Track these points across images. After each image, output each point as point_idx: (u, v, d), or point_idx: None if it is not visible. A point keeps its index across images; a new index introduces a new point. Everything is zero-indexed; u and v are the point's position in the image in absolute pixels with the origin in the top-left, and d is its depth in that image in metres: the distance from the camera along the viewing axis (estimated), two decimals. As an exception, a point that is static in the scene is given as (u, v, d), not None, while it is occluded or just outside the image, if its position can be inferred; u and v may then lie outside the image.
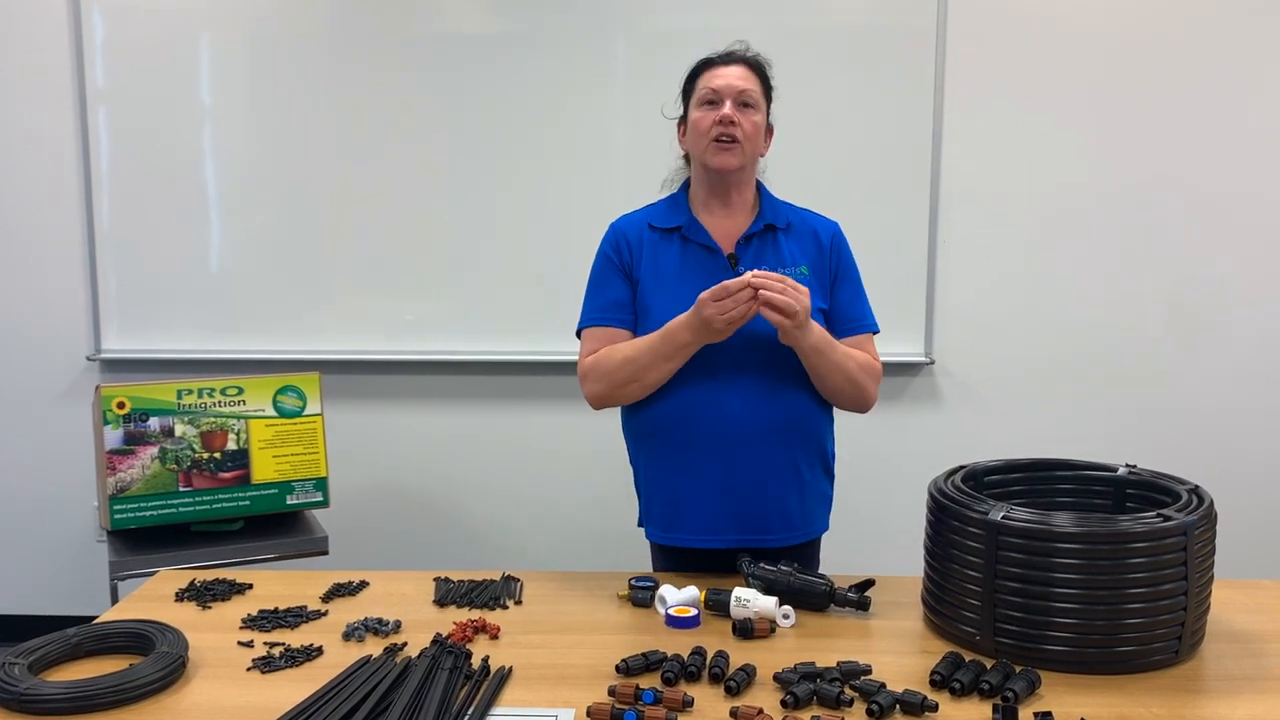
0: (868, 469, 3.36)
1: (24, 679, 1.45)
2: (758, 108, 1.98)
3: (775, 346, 1.93)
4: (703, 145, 1.97)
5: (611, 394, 1.99)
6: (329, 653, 1.63)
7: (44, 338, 3.53)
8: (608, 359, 1.96)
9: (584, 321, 2.06)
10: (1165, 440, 3.45)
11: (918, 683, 1.50)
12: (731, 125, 1.94)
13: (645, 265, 2.01)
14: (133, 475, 2.63)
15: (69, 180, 3.46)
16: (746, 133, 1.96)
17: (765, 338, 1.92)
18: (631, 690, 1.44)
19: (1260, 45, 3.30)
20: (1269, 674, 1.55)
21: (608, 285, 2.04)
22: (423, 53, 3.38)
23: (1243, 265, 3.40)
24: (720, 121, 1.94)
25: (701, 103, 1.98)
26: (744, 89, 1.96)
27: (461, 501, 3.58)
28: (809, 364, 1.93)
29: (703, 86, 1.99)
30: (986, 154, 3.38)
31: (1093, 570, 1.52)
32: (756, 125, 1.98)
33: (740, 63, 2.00)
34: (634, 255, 2.03)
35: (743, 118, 1.95)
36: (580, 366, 2.02)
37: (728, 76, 1.97)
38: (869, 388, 2.00)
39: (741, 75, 1.98)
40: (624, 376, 1.94)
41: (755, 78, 2.00)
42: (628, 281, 2.03)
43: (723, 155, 1.96)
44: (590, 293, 2.07)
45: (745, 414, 1.95)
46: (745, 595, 1.73)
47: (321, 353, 3.45)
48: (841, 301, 2.04)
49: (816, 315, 1.96)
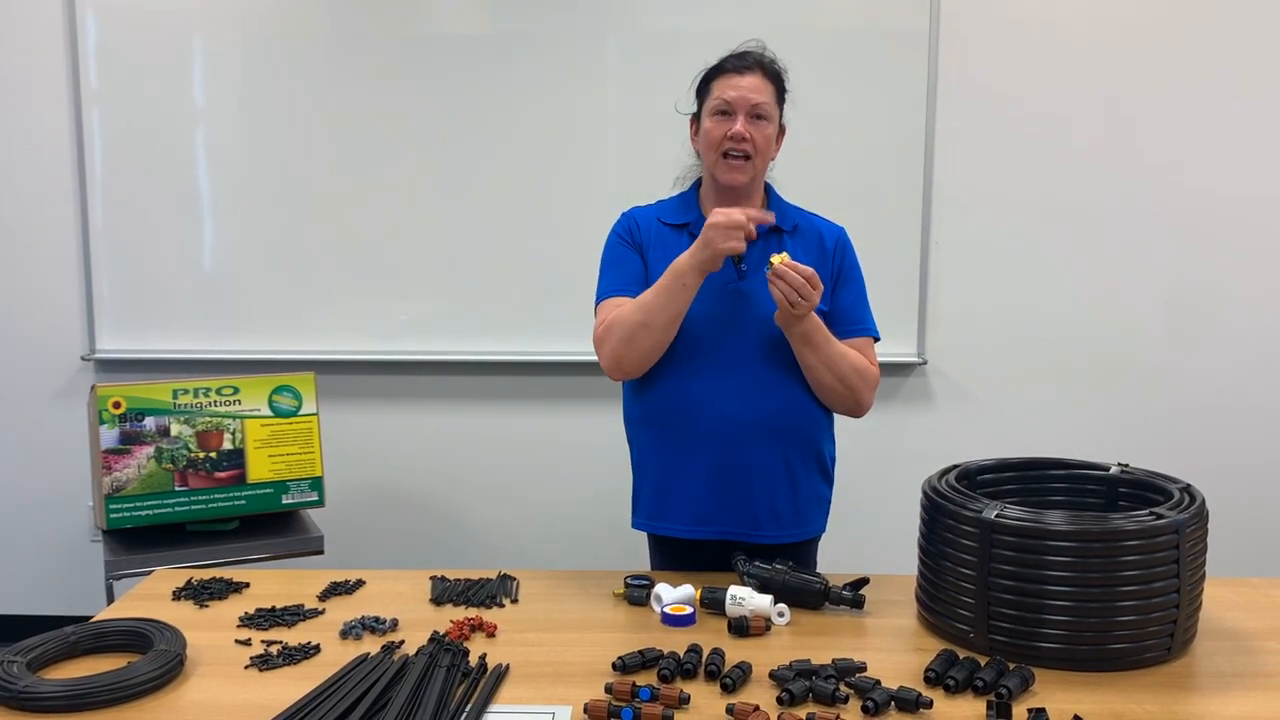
0: (862, 469, 3.37)
1: (22, 677, 1.45)
2: (770, 118, 1.97)
3: (778, 346, 1.95)
4: (713, 157, 1.98)
5: (625, 351, 1.94)
6: (326, 651, 1.63)
7: (39, 338, 3.53)
8: (619, 314, 1.95)
9: (603, 293, 2.04)
10: (1159, 440, 3.47)
11: (912, 680, 1.51)
12: (743, 142, 1.94)
13: (653, 257, 2.03)
14: (128, 475, 2.64)
15: (64, 181, 3.46)
16: (758, 147, 1.95)
17: (768, 337, 1.95)
18: (628, 687, 1.45)
19: (1253, 45, 3.32)
20: (1260, 671, 1.56)
21: (625, 262, 2.04)
22: (418, 54, 3.38)
23: (1235, 266, 3.42)
24: (731, 137, 1.94)
25: (714, 112, 1.97)
26: (757, 102, 1.94)
27: (457, 501, 3.59)
28: (799, 354, 1.94)
29: (716, 95, 1.97)
30: (979, 156, 3.40)
31: (1085, 568, 1.53)
32: (768, 137, 1.97)
33: (756, 70, 1.97)
34: (644, 243, 2.05)
35: (755, 131, 1.94)
36: (595, 335, 2.01)
37: (742, 88, 1.95)
38: (862, 392, 2.00)
39: (756, 86, 1.95)
40: (634, 324, 1.92)
41: (769, 85, 1.98)
42: (640, 257, 2.05)
43: (732, 173, 1.96)
44: (606, 270, 2.07)
45: (740, 409, 1.96)
46: (741, 593, 1.74)
47: (317, 353, 3.46)
48: (842, 304, 2.05)
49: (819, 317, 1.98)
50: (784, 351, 1.96)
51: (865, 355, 2.04)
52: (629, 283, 2.01)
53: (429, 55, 3.38)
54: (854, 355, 1.99)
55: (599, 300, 2.05)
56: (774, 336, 1.95)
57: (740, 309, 1.97)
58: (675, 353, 1.98)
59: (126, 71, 3.40)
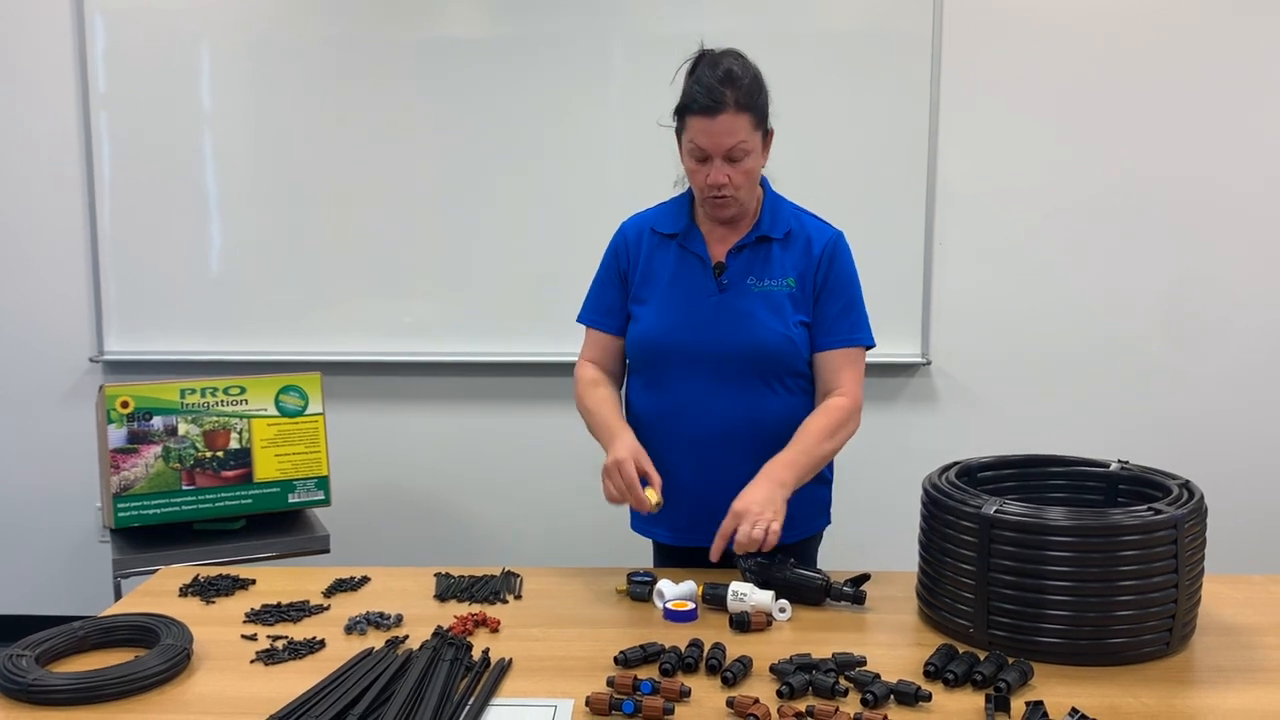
0: (865, 468, 3.37)
1: (31, 670, 1.47)
2: (750, 151, 1.90)
3: (760, 354, 1.96)
4: (699, 196, 1.98)
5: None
6: (331, 646, 1.65)
7: (47, 339, 3.56)
8: (582, 395, 2.07)
9: (582, 316, 2.15)
10: (1162, 438, 3.47)
11: (912, 674, 1.52)
12: (723, 187, 1.91)
13: (641, 268, 2.05)
14: (136, 474, 2.66)
15: (72, 184, 3.49)
16: (738, 184, 1.92)
17: (750, 344, 1.96)
18: (630, 681, 1.46)
19: (1255, 44, 3.33)
20: (1259, 666, 1.57)
21: (606, 289, 2.11)
22: (421, 56, 3.40)
23: (1238, 265, 3.42)
24: (710, 185, 1.91)
25: (691, 154, 1.92)
26: (732, 145, 1.87)
27: (461, 500, 3.60)
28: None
29: (689, 138, 1.90)
30: (982, 155, 3.40)
31: (1084, 563, 1.54)
32: (748, 171, 1.92)
33: (727, 109, 1.85)
34: (632, 259, 2.07)
35: (734, 171, 1.89)
36: (576, 367, 2.14)
37: (714, 133, 1.86)
38: (850, 434, 2.00)
39: (728, 128, 1.85)
40: (581, 411, 2.08)
41: (744, 118, 1.87)
42: (623, 288, 2.08)
43: (719, 211, 1.96)
44: (593, 288, 2.14)
45: (723, 417, 1.98)
46: (742, 589, 1.76)
47: (322, 354, 3.47)
48: (827, 314, 2.01)
49: (798, 329, 1.98)
50: (766, 359, 1.97)
51: (846, 373, 2.00)
52: (600, 313, 2.11)
53: (435, 59, 3.40)
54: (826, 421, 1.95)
55: (579, 318, 2.15)
56: (755, 344, 1.96)
57: (718, 319, 1.98)
58: (658, 362, 2.01)
59: (134, 75, 3.42)
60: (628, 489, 1.87)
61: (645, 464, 1.90)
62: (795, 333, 1.98)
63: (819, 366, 2.03)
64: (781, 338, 1.97)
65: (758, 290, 1.98)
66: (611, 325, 2.09)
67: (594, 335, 2.12)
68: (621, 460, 1.87)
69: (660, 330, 2.01)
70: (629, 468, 1.87)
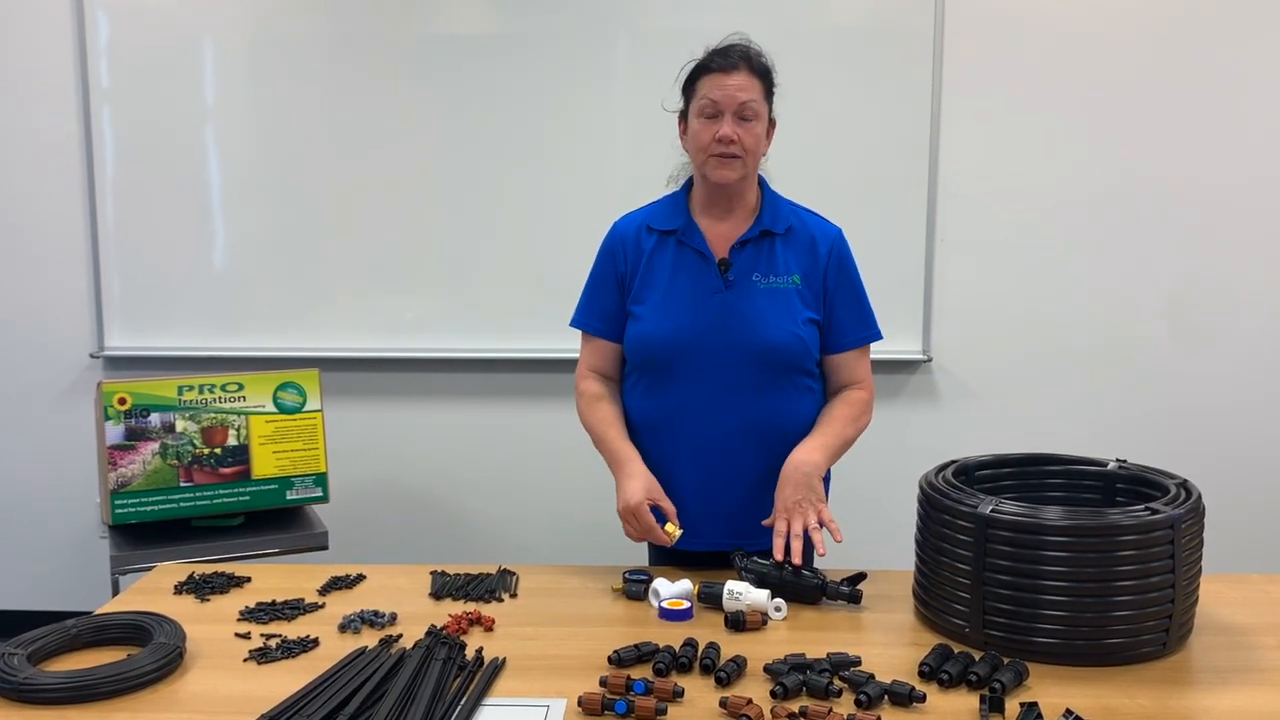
0: (865, 465, 3.35)
1: (23, 669, 1.47)
2: (759, 116, 1.91)
3: (762, 354, 1.94)
4: (702, 158, 1.94)
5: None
6: (325, 644, 1.64)
7: (47, 335, 3.56)
8: (584, 411, 2.08)
9: (577, 320, 2.10)
10: (1162, 436, 3.45)
11: (907, 674, 1.52)
12: (732, 144, 1.89)
13: (641, 268, 2.02)
14: (134, 470, 2.66)
15: (73, 179, 3.49)
16: (747, 146, 1.91)
17: (753, 344, 1.94)
18: (623, 680, 1.46)
19: (1257, 43, 3.31)
20: (1256, 666, 1.56)
21: (601, 292, 2.07)
22: (423, 53, 3.39)
23: (1239, 265, 3.40)
24: (719, 139, 1.89)
25: (701, 113, 1.92)
26: (745, 100, 1.89)
27: (460, 497, 3.60)
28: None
29: (702, 95, 1.91)
30: (984, 152, 3.39)
31: (1081, 563, 1.53)
32: (757, 136, 1.92)
33: (742, 67, 1.90)
34: (628, 260, 2.03)
35: (743, 131, 1.89)
36: (576, 376, 2.13)
37: (728, 87, 1.88)
38: (866, 425, 2.04)
39: (742, 84, 1.89)
40: (585, 424, 2.09)
41: (757, 82, 1.91)
42: (619, 290, 2.05)
43: (722, 170, 1.92)
44: (587, 290, 2.10)
45: (724, 417, 1.96)
46: (738, 588, 1.75)
47: (322, 350, 3.47)
48: (840, 316, 2.01)
49: (808, 326, 1.97)
50: (768, 359, 1.95)
51: (860, 371, 2.04)
52: (597, 317, 2.08)
53: (436, 55, 3.39)
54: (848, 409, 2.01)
55: (573, 322, 2.11)
56: (758, 344, 1.94)
57: (725, 317, 1.96)
58: (660, 363, 1.98)
59: (136, 70, 3.42)
60: (646, 532, 1.90)
61: (659, 498, 1.92)
62: (804, 330, 1.96)
63: (835, 366, 2.03)
64: (792, 336, 1.95)
65: (764, 287, 1.97)
66: (611, 331, 2.06)
67: (593, 342, 2.09)
68: (636, 506, 1.89)
69: (665, 330, 1.97)
70: (645, 514, 1.89)
